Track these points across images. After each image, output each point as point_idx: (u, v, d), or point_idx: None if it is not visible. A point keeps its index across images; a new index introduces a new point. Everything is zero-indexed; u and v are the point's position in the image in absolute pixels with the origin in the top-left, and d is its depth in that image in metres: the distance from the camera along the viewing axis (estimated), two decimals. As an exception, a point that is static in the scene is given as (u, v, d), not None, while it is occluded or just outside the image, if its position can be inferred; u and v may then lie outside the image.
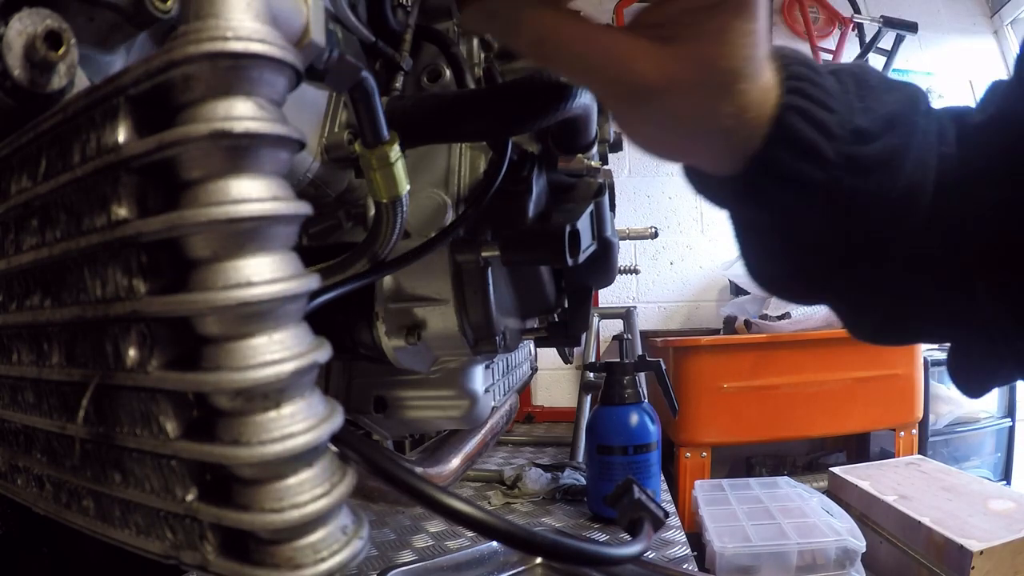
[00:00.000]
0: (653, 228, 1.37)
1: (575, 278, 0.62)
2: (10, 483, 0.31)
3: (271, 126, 0.20)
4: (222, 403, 0.20)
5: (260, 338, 0.20)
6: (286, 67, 0.21)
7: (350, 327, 0.52)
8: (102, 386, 0.22)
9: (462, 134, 0.44)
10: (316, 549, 0.21)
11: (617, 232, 0.64)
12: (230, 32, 0.19)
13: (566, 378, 2.27)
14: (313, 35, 0.26)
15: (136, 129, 0.20)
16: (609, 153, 0.75)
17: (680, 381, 1.74)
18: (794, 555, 1.21)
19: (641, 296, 2.39)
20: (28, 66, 0.25)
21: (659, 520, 0.41)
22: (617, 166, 2.34)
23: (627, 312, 1.72)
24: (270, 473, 0.20)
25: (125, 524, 0.24)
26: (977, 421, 2.04)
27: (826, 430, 1.83)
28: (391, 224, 0.40)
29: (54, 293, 0.24)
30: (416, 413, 0.59)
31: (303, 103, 0.45)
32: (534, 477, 1.17)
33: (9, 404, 0.28)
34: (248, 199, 0.19)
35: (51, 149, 0.23)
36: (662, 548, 0.90)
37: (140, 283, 0.20)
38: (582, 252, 0.49)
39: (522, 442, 1.62)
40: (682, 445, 1.78)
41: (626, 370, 1.03)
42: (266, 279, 0.20)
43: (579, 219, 0.48)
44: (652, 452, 1.00)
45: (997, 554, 1.14)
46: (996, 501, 1.35)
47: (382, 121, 0.35)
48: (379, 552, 0.90)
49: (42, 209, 0.24)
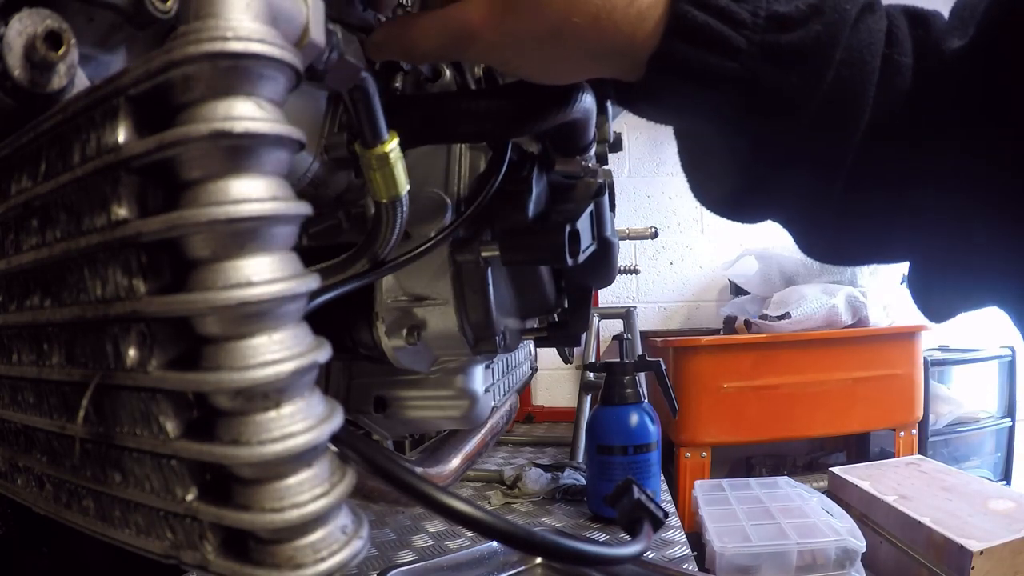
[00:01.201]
0: (653, 228, 1.37)
1: (575, 278, 0.62)
2: (10, 483, 0.31)
3: (271, 126, 0.20)
4: (222, 403, 0.20)
5: (260, 338, 0.20)
6: (286, 67, 0.21)
7: (350, 327, 0.52)
8: (102, 386, 0.22)
9: (462, 135, 0.44)
10: (316, 549, 0.21)
11: (617, 232, 0.64)
12: (230, 32, 0.19)
13: (566, 378, 2.27)
14: (313, 35, 0.26)
15: (136, 129, 0.20)
16: (609, 153, 0.74)
17: (680, 381, 1.74)
18: (794, 555, 1.21)
19: (641, 296, 2.39)
20: (28, 66, 0.25)
21: (659, 520, 0.41)
22: (617, 166, 2.35)
23: (627, 312, 1.72)
24: (270, 473, 0.20)
25: (125, 524, 0.24)
26: (977, 421, 2.05)
27: (826, 430, 1.83)
28: (391, 224, 0.40)
29: (54, 293, 0.24)
30: (416, 413, 0.59)
31: (303, 103, 0.45)
32: (534, 477, 1.17)
33: (9, 404, 0.29)
34: (248, 199, 0.19)
35: (51, 149, 0.23)
36: (662, 548, 0.90)
37: (140, 283, 0.20)
38: (582, 252, 0.49)
39: (522, 442, 1.62)
40: (682, 445, 1.78)
41: (626, 370, 1.03)
42: (266, 279, 0.20)
43: (579, 219, 0.48)
44: (652, 452, 1.00)
45: (997, 554, 1.14)
46: (996, 501, 1.35)
47: (382, 121, 0.35)
48: (379, 552, 0.90)
49: (42, 209, 0.24)
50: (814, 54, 0.29)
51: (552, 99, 0.38)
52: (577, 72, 0.34)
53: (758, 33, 0.29)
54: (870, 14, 0.31)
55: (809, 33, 0.29)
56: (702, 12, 0.29)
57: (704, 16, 0.29)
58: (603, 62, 0.33)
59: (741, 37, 0.29)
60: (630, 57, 0.31)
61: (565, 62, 0.33)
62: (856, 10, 0.30)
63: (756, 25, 0.29)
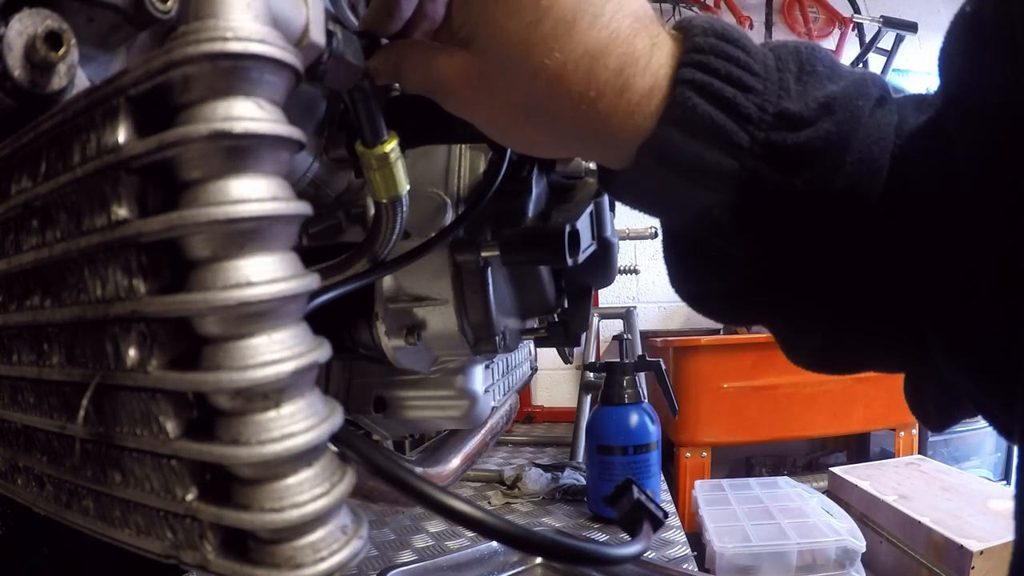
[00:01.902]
0: (653, 228, 1.37)
1: (575, 278, 0.62)
2: (10, 483, 0.31)
3: (271, 126, 0.20)
4: (222, 403, 0.20)
5: (260, 338, 0.20)
6: (286, 67, 0.21)
7: (350, 327, 0.52)
8: (102, 386, 0.22)
9: (462, 135, 0.44)
10: (316, 548, 0.21)
11: (617, 232, 0.64)
12: (230, 32, 0.19)
13: (566, 378, 2.27)
14: (313, 35, 0.26)
15: (136, 129, 0.20)
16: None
17: (680, 381, 1.74)
18: (794, 555, 1.21)
19: (641, 296, 2.39)
20: (28, 66, 0.25)
21: (658, 520, 0.41)
22: (617, 166, 2.34)
23: (627, 312, 1.72)
24: (270, 473, 0.20)
25: (125, 524, 0.24)
26: (977, 421, 2.04)
27: (826, 430, 1.83)
28: (391, 224, 0.40)
29: (54, 293, 0.24)
30: (416, 413, 0.59)
31: (303, 103, 0.45)
32: (534, 477, 1.17)
33: (9, 404, 0.29)
34: (248, 199, 0.19)
35: (51, 149, 0.23)
36: (662, 548, 0.90)
37: (140, 283, 0.20)
38: (582, 252, 0.49)
39: (522, 442, 1.62)
40: (682, 445, 1.78)
41: (626, 370, 1.03)
42: (266, 279, 0.20)
43: (579, 219, 0.48)
44: (652, 452, 1.00)
45: (997, 554, 1.14)
46: (996, 501, 1.35)
47: (381, 121, 0.35)
48: (379, 552, 0.90)
49: (42, 209, 0.24)
50: (822, 158, 0.27)
51: None
52: (556, 153, 0.33)
53: (763, 130, 0.26)
54: (880, 108, 0.28)
55: (818, 134, 0.26)
56: (705, 101, 0.26)
57: (707, 106, 0.26)
58: (586, 148, 0.31)
59: (744, 133, 0.26)
60: (615, 147, 0.29)
61: (541, 144, 0.31)
62: (869, 106, 0.28)
63: (763, 121, 0.26)
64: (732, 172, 0.27)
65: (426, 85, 0.32)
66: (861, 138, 0.27)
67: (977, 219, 0.25)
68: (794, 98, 0.27)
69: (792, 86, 0.27)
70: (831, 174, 0.27)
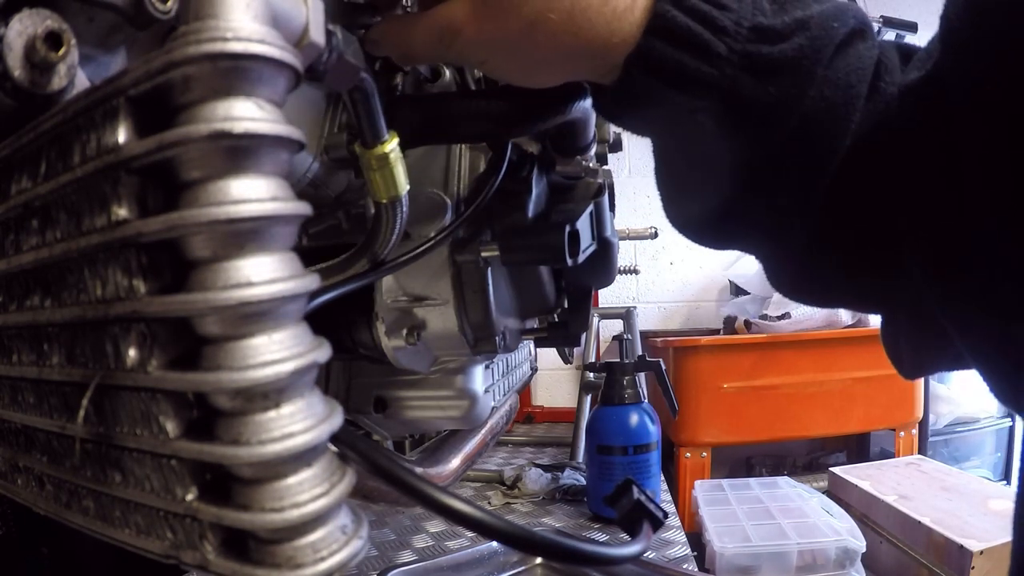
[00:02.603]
0: (653, 228, 1.38)
1: (575, 278, 0.62)
2: (10, 483, 0.31)
3: (271, 126, 0.20)
4: (222, 403, 0.20)
5: (260, 338, 0.20)
6: (286, 68, 0.21)
7: (350, 327, 0.52)
8: (102, 386, 0.22)
9: (462, 135, 0.44)
10: (316, 548, 0.21)
11: (617, 232, 0.64)
12: (230, 32, 0.19)
13: (566, 378, 2.27)
14: (313, 35, 0.26)
15: (136, 129, 0.20)
16: (609, 153, 0.74)
17: (680, 381, 1.74)
18: (794, 555, 1.21)
19: (641, 296, 2.39)
20: (28, 67, 0.25)
21: (658, 520, 0.41)
22: (617, 166, 2.34)
23: (627, 312, 1.72)
24: (270, 473, 0.20)
25: (125, 524, 0.24)
26: (977, 421, 2.04)
27: (826, 430, 1.83)
28: (391, 224, 0.40)
29: (54, 293, 0.24)
30: (416, 413, 0.59)
31: (303, 103, 0.45)
32: (534, 477, 1.17)
33: (9, 404, 0.29)
34: (248, 199, 0.19)
35: (51, 149, 0.23)
36: (662, 548, 0.90)
37: (140, 283, 0.20)
38: (582, 252, 0.49)
39: (522, 442, 1.62)
40: (682, 445, 1.78)
41: (626, 370, 1.03)
42: (266, 279, 0.20)
43: (579, 219, 0.48)
44: (652, 452, 1.00)
45: (997, 554, 1.14)
46: (996, 501, 1.35)
47: (381, 122, 0.35)
48: (379, 552, 0.90)
49: (42, 209, 0.24)
50: (796, 69, 0.29)
51: (552, 99, 0.38)
52: (553, 73, 0.34)
53: (740, 42, 0.29)
54: (861, 40, 0.30)
55: (792, 47, 0.29)
56: (684, 15, 0.29)
57: (685, 19, 0.29)
58: (579, 62, 0.32)
59: (722, 44, 0.29)
60: (605, 57, 0.31)
61: (539, 62, 0.33)
62: (845, 31, 0.30)
63: (738, 34, 0.29)
64: (712, 79, 0.29)
65: (432, 37, 0.33)
66: (837, 60, 0.29)
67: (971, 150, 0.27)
68: (769, 16, 0.29)
69: (767, 7, 0.29)
70: (804, 85, 0.29)
